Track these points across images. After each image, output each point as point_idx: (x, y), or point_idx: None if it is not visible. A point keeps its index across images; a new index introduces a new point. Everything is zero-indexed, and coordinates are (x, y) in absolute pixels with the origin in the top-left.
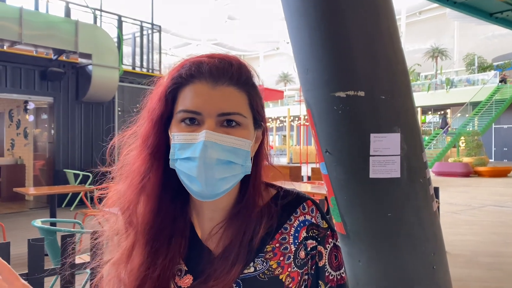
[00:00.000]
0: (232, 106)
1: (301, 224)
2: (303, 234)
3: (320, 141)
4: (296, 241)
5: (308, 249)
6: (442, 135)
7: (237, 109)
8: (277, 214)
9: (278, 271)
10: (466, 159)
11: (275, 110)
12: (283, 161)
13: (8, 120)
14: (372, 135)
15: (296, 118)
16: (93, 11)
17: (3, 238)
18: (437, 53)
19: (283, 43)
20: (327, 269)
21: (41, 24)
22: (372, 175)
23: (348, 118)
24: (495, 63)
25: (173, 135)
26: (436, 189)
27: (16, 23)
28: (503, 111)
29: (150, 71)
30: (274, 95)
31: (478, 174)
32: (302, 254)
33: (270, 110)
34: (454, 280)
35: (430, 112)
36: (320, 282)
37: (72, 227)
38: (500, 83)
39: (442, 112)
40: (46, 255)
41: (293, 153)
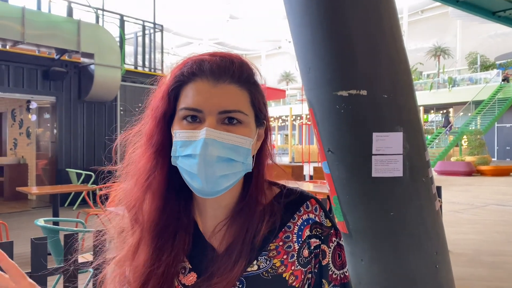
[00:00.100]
0: (233, 103)
1: (305, 223)
2: (306, 232)
3: (322, 140)
4: (299, 239)
5: (312, 247)
6: (445, 133)
7: (238, 106)
8: (280, 212)
9: (281, 270)
10: (468, 158)
11: (277, 109)
12: (285, 160)
13: (10, 119)
14: (375, 134)
15: (298, 117)
16: (95, 10)
17: (6, 237)
18: (439, 52)
19: (285, 42)
20: (331, 268)
21: (44, 23)
22: (374, 174)
23: (350, 117)
24: (497, 62)
25: (175, 132)
26: (439, 188)
27: (19, 22)
28: (506, 110)
29: (152, 70)
30: (276, 94)
31: (481, 173)
32: (306, 252)
33: (272, 109)
34: (457, 279)
35: (432, 111)
36: (323, 280)
37: (75, 226)
38: (502, 82)
39: (445, 111)
40: (49, 254)
41: (295, 152)
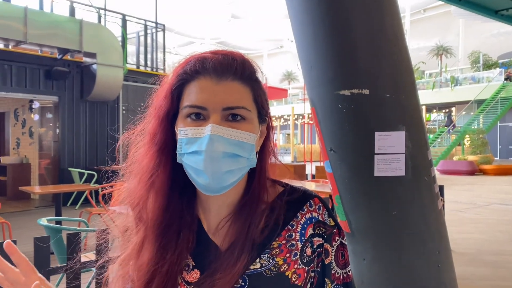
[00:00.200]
0: (237, 100)
1: (308, 222)
2: (309, 231)
3: (325, 139)
4: (302, 238)
5: (315, 246)
6: (447, 132)
7: (241, 103)
8: (283, 210)
9: (284, 268)
10: (471, 157)
11: (279, 108)
12: (287, 159)
13: (13, 119)
14: (377, 133)
15: (300, 117)
16: (98, 10)
17: (9, 236)
18: (441, 51)
19: (287, 41)
20: (334, 267)
21: (46, 23)
22: (376, 173)
23: (352, 116)
24: (500, 61)
25: (179, 130)
26: (441, 187)
27: (21, 22)
28: (509, 108)
29: (154, 69)
30: (278, 93)
31: (483, 172)
32: (309, 251)
33: (274, 109)
34: (459, 278)
35: (434, 110)
36: (326, 279)
37: (78, 226)
38: (505, 81)
39: (447, 110)
40: (52, 253)
41: (297, 152)
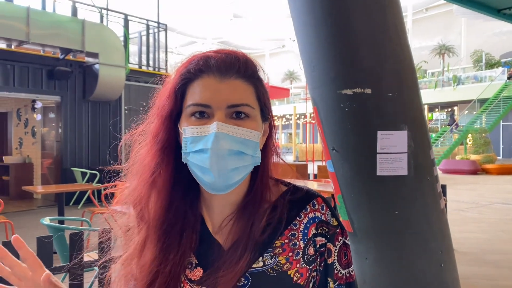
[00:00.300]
0: (240, 97)
1: (311, 221)
2: (312, 231)
3: (327, 138)
4: (305, 237)
5: (317, 246)
6: (450, 132)
7: (245, 100)
8: (286, 210)
9: (286, 267)
10: (473, 157)
11: (281, 108)
12: (289, 159)
13: (16, 119)
14: (379, 133)
15: (302, 116)
16: (100, 10)
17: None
18: (444, 50)
19: (289, 41)
20: (336, 267)
21: (48, 23)
22: (379, 173)
23: (354, 116)
24: (503, 60)
25: (184, 129)
26: (444, 187)
27: (24, 22)
28: (511, 108)
29: (156, 69)
30: (280, 93)
31: (486, 172)
32: (311, 250)
33: (276, 108)
34: (462, 277)
35: (437, 109)
36: (328, 279)
37: (80, 225)
38: (508, 80)
39: (449, 109)
40: (55, 252)
41: (299, 151)
